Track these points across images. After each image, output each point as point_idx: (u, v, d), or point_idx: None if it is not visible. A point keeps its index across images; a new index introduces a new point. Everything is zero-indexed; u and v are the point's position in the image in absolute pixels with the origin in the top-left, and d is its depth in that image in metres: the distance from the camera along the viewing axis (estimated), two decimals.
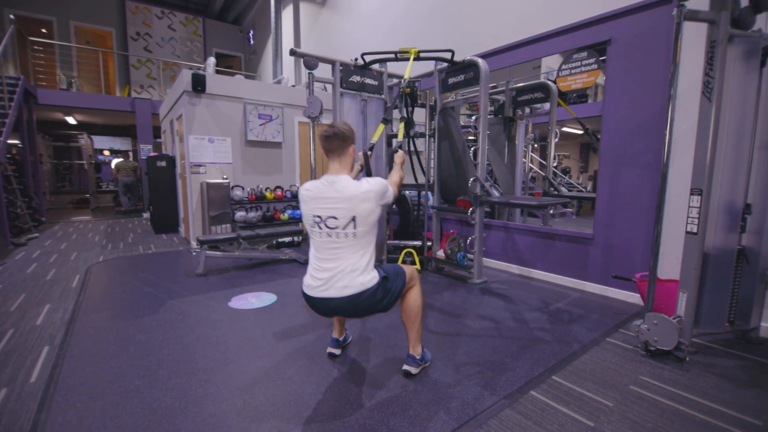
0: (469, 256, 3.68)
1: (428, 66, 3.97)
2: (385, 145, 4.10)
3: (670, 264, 2.73)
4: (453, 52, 3.46)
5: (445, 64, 3.67)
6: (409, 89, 3.80)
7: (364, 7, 6.53)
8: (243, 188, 5.43)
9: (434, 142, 3.95)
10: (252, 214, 5.37)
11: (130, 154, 12.20)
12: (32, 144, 7.41)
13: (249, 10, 11.67)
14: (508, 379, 1.90)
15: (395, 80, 4.30)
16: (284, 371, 1.98)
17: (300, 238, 5.37)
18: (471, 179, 3.38)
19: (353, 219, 1.67)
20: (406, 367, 1.95)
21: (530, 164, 5.39)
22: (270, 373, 1.96)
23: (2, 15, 8.77)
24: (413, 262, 3.99)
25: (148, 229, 6.92)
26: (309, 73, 3.52)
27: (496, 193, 3.29)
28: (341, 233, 1.69)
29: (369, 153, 2.38)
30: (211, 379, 1.90)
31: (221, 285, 3.50)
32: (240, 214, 5.29)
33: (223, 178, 5.25)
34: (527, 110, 4.72)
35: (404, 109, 3.89)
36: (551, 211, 4.74)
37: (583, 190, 7.60)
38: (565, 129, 6.50)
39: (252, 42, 12.05)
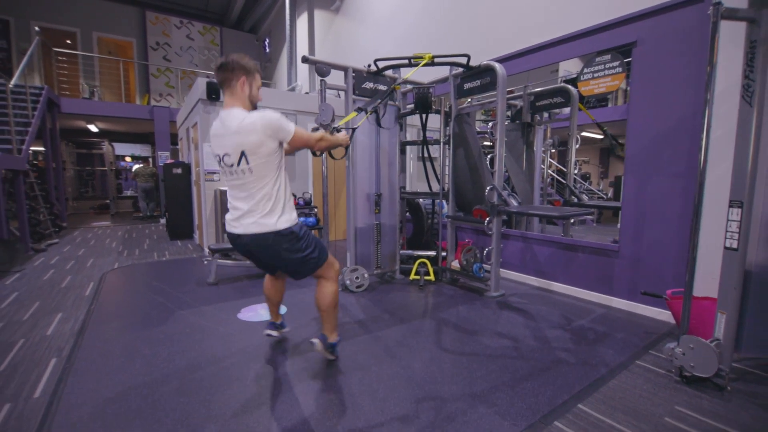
0: (486, 267, 3.54)
1: (443, 71, 3.86)
2: (399, 153, 4.00)
3: (705, 280, 2.54)
4: (469, 57, 3.35)
5: (461, 69, 3.56)
6: (398, 87, 3.62)
7: (377, 14, 6.49)
8: None
9: (449, 148, 3.84)
10: None
11: (150, 160, 12.48)
12: (55, 151, 7.61)
13: (265, 19, 11.81)
14: (530, 407, 1.76)
15: (409, 86, 4.22)
16: (289, 391, 1.89)
17: None
18: (488, 188, 3.24)
19: (243, 153, 1.62)
20: (314, 339, 2.06)
21: (549, 171, 5.21)
22: (275, 393, 1.87)
23: (29, 27, 9.09)
24: (427, 273, 3.87)
25: (164, 236, 6.99)
26: (321, 80, 3.46)
27: (514, 203, 3.15)
28: (237, 170, 1.67)
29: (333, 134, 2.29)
30: (215, 399, 1.82)
31: (232, 295, 3.45)
32: None
33: None
34: (546, 115, 4.56)
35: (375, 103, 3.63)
36: (571, 220, 4.55)
37: (604, 196, 7.34)
38: (584, 134, 6.28)
39: (268, 50, 12.18)
